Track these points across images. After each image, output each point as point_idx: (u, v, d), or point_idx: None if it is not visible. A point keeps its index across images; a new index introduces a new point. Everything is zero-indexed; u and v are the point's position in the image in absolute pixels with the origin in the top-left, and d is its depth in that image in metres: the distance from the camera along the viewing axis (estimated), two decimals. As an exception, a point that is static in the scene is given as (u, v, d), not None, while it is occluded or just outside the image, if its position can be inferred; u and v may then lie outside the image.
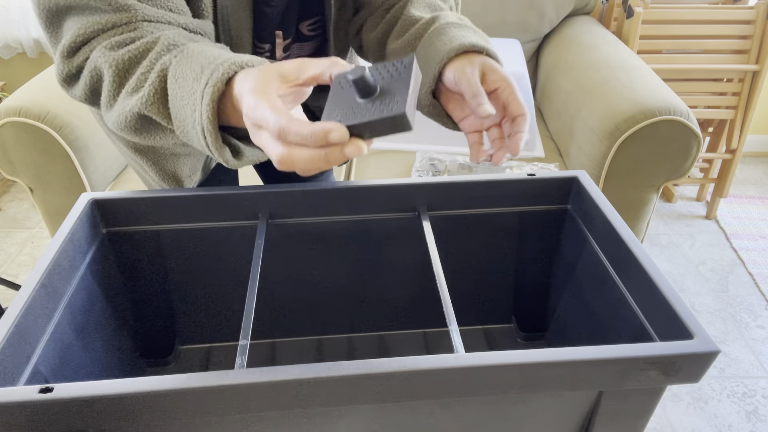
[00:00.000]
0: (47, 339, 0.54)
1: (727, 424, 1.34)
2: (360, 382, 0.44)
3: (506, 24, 1.76)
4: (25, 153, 1.26)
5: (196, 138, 0.56)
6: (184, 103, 0.55)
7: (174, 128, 0.58)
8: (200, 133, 0.54)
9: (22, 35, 2.03)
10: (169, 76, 0.56)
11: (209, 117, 0.52)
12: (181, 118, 0.56)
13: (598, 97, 1.34)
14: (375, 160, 1.52)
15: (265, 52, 0.77)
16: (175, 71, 0.55)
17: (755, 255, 1.86)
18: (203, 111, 0.52)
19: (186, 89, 0.54)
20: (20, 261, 1.85)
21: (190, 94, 0.54)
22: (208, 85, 0.52)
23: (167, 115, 0.57)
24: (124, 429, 0.47)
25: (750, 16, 1.73)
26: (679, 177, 1.28)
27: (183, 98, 0.55)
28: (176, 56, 0.56)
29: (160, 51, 0.57)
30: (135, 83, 0.57)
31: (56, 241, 0.59)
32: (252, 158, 0.58)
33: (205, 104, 0.52)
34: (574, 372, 0.46)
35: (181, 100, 0.55)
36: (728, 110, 1.84)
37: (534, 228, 0.73)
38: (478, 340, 0.79)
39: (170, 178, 0.79)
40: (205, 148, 0.55)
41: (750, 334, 1.58)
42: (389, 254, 0.73)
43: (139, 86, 0.57)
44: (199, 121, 0.53)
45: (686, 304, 0.52)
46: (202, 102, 0.52)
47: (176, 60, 0.56)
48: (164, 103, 0.57)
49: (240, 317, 0.75)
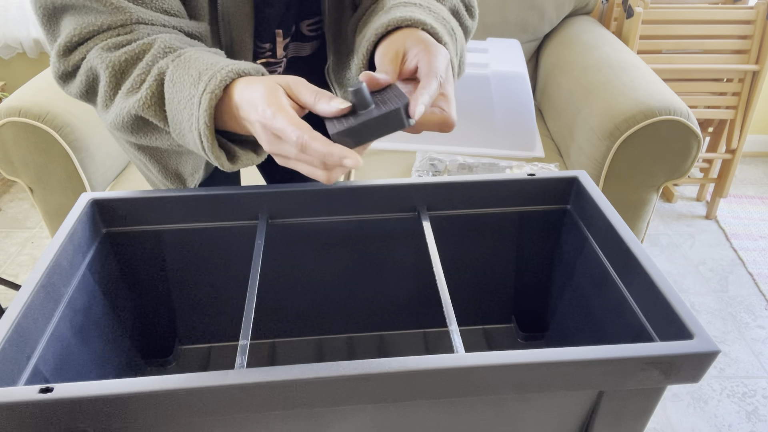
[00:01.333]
0: (47, 339, 0.54)
1: (727, 424, 1.34)
2: (360, 382, 0.45)
3: (506, 24, 1.76)
4: (25, 153, 1.26)
5: (192, 141, 0.57)
6: (181, 108, 0.55)
7: (170, 130, 0.59)
8: (197, 137, 0.55)
9: (22, 35, 2.03)
10: (167, 80, 0.56)
11: (206, 122, 0.53)
12: (177, 122, 0.57)
13: (598, 97, 1.34)
14: (375, 160, 1.52)
15: (266, 52, 0.77)
16: (172, 76, 0.56)
17: (755, 255, 1.86)
18: (200, 116, 0.53)
19: (183, 94, 0.55)
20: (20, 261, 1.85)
21: (188, 99, 0.54)
22: (206, 92, 0.53)
23: (164, 117, 0.58)
24: (124, 429, 0.47)
25: (750, 16, 1.73)
26: (679, 177, 1.28)
27: (180, 102, 0.55)
28: (173, 61, 0.57)
29: (157, 54, 0.58)
30: (131, 85, 0.58)
31: (56, 241, 0.59)
32: (247, 162, 0.59)
33: (202, 110, 0.53)
34: (574, 372, 0.46)
35: (178, 104, 0.55)
36: (728, 110, 1.84)
37: (534, 228, 0.73)
38: (478, 340, 0.79)
39: (173, 176, 0.79)
40: (201, 151, 0.56)
41: (750, 334, 1.58)
42: (389, 254, 0.73)
43: (136, 88, 0.58)
44: (196, 126, 0.54)
45: (686, 304, 0.52)
46: (199, 108, 0.53)
47: (173, 65, 0.56)
48: (161, 105, 0.58)
49: (240, 317, 0.75)
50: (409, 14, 0.59)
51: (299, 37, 0.80)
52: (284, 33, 0.77)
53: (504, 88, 1.46)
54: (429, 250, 0.62)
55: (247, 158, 0.59)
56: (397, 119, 0.50)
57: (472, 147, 1.54)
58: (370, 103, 0.51)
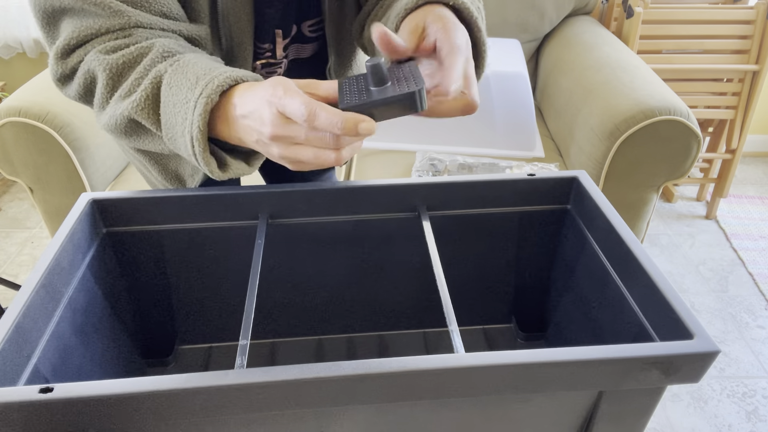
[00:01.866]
0: (47, 339, 0.54)
1: (727, 424, 1.34)
2: (360, 382, 0.44)
3: (506, 24, 1.76)
4: (25, 153, 1.26)
5: (183, 146, 0.56)
6: (176, 111, 0.55)
7: (162, 135, 0.59)
8: (189, 141, 0.55)
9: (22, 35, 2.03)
10: (164, 83, 0.56)
11: (200, 127, 0.53)
12: (170, 126, 0.56)
13: (598, 97, 1.34)
14: (375, 160, 1.52)
15: (266, 52, 0.77)
16: (170, 79, 0.56)
17: (755, 255, 1.86)
18: (194, 120, 0.53)
19: (179, 97, 0.55)
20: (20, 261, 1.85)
21: (183, 102, 0.54)
22: (202, 96, 0.53)
23: (156, 120, 0.58)
24: (124, 429, 0.47)
25: (750, 16, 1.73)
26: (679, 177, 1.28)
27: (175, 105, 0.55)
28: (172, 65, 0.57)
29: (155, 58, 0.58)
30: (128, 88, 0.58)
31: (56, 241, 0.59)
32: (237, 171, 0.59)
33: (197, 114, 0.53)
34: (574, 372, 0.46)
35: (173, 107, 0.55)
36: (728, 110, 1.84)
37: (534, 228, 0.73)
38: (478, 340, 0.79)
39: (173, 178, 0.79)
40: (192, 156, 0.56)
41: (750, 334, 1.58)
42: (389, 254, 0.73)
43: (132, 91, 0.58)
44: (189, 129, 0.54)
45: (686, 304, 0.52)
46: (194, 111, 0.53)
47: (172, 69, 0.56)
48: (155, 109, 0.57)
49: (240, 317, 0.75)
50: None
51: (300, 39, 0.80)
52: (284, 33, 0.77)
53: (504, 88, 1.46)
54: (429, 250, 0.62)
55: (237, 167, 0.58)
56: (411, 102, 0.48)
57: (472, 147, 1.54)
58: (386, 80, 0.49)
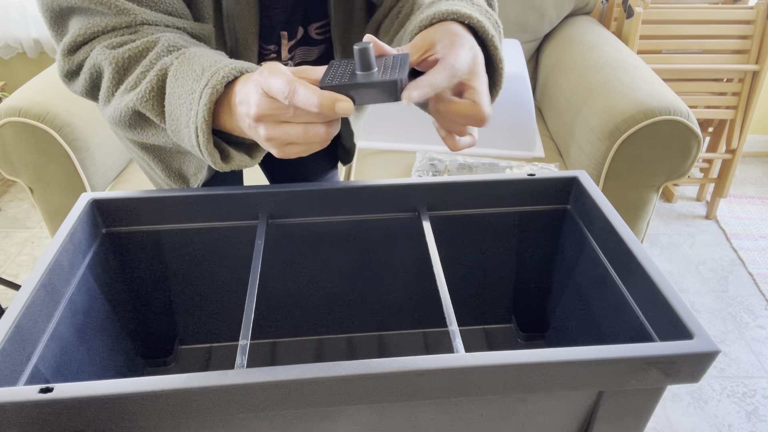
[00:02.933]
0: (47, 339, 0.54)
1: (727, 424, 1.34)
2: (360, 382, 0.44)
3: (506, 24, 1.76)
4: (25, 153, 1.26)
5: (187, 137, 0.57)
6: (180, 102, 0.56)
7: (166, 127, 0.59)
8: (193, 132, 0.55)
9: (22, 35, 2.03)
10: (170, 75, 0.57)
11: (204, 117, 0.53)
12: (175, 117, 0.57)
13: (598, 97, 1.34)
14: (375, 160, 1.52)
15: (271, 54, 0.77)
16: (176, 71, 0.56)
17: (755, 255, 1.86)
18: (200, 111, 0.54)
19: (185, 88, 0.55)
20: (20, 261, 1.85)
21: (189, 93, 0.55)
22: (208, 86, 0.53)
23: (161, 112, 0.58)
24: (124, 429, 0.47)
25: (750, 16, 1.73)
26: (679, 177, 1.28)
27: (180, 97, 0.56)
28: (177, 58, 0.58)
29: (160, 52, 0.58)
30: (134, 80, 0.59)
31: (56, 241, 0.59)
32: (240, 163, 0.59)
33: (202, 104, 0.53)
34: (574, 372, 0.46)
35: (179, 99, 0.56)
36: (728, 110, 1.84)
37: (534, 228, 0.73)
38: (478, 340, 0.79)
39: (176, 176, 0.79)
40: (195, 147, 0.56)
41: (750, 334, 1.58)
42: (389, 254, 0.73)
43: (137, 83, 0.59)
44: (194, 120, 0.54)
45: (686, 304, 0.52)
46: (199, 102, 0.54)
47: (178, 61, 0.57)
48: (160, 101, 0.58)
49: (240, 317, 0.75)
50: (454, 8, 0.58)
51: (307, 41, 0.80)
52: (289, 35, 0.77)
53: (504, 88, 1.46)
54: (429, 250, 0.62)
55: (240, 160, 0.59)
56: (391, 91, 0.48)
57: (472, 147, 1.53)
58: (372, 66, 0.49)
